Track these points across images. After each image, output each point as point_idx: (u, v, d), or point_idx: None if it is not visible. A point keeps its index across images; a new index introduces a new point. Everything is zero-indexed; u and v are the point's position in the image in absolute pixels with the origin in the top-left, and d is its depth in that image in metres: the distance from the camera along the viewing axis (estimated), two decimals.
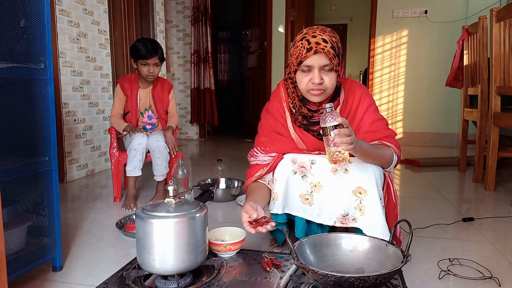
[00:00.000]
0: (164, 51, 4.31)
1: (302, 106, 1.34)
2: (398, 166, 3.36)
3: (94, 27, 3.04)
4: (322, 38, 1.21)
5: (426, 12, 4.46)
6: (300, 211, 1.37)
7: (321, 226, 1.41)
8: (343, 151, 1.14)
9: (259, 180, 1.46)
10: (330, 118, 1.12)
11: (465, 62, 2.98)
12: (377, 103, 4.76)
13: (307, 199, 1.36)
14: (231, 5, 6.77)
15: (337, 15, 7.75)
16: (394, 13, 4.56)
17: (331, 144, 1.14)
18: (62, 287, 1.26)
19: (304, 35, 1.24)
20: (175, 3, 5.14)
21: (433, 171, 3.13)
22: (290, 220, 1.44)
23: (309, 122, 1.35)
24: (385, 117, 5.27)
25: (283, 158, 1.42)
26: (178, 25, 5.18)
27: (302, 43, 1.23)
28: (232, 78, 7.50)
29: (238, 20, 6.22)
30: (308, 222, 1.41)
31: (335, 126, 1.11)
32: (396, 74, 4.68)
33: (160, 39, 4.19)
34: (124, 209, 2.07)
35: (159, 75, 2.36)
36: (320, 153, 1.39)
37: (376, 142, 1.34)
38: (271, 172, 1.45)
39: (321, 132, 1.16)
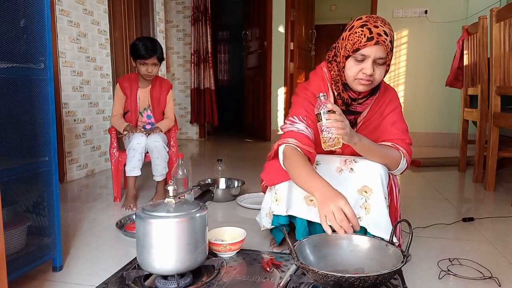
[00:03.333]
0: (164, 51, 4.30)
1: (344, 91, 1.31)
2: None
3: (94, 27, 3.04)
4: (383, 30, 1.18)
5: (426, 12, 4.46)
6: (305, 213, 1.35)
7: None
8: (334, 135, 1.14)
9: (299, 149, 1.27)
10: (323, 105, 1.15)
11: (465, 62, 2.98)
12: None
13: (311, 200, 1.34)
14: (231, 5, 6.77)
15: (337, 15, 7.75)
16: (394, 13, 4.56)
17: (324, 129, 1.15)
18: (62, 287, 1.26)
19: (365, 23, 1.19)
20: (175, 3, 5.14)
21: (433, 171, 3.13)
22: (292, 224, 1.43)
23: (347, 109, 1.33)
24: None
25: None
26: (178, 25, 5.18)
27: (362, 31, 1.18)
28: (232, 78, 7.50)
29: (238, 20, 6.22)
30: (311, 223, 1.40)
31: (327, 112, 1.14)
32: (396, 74, 4.68)
33: (160, 39, 4.18)
34: (124, 209, 2.07)
35: (160, 75, 2.36)
36: (326, 152, 1.37)
37: (389, 144, 1.33)
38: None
39: (316, 121, 1.17)
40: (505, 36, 2.28)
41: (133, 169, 2.11)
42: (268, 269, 1.27)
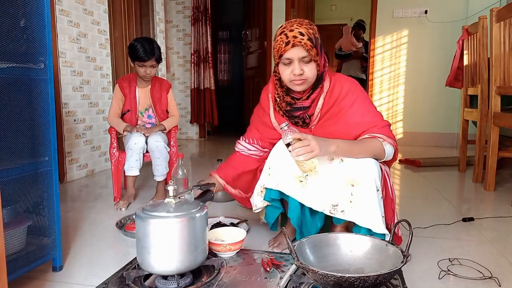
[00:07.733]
0: (164, 51, 4.30)
1: (286, 95, 1.41)
2: (398, 166, 3.36)
3: (94, 27, 3.04)
4: (299, 32, 1.27)
5: (426, 12, 4.46)
6: (293, 192, 1.39)
7: (313, 214, 1.44)
8: (307, 161, 1.23)
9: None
10: (289, 134, 1.22)
11: (465, 62, 2.98)
12: (377, 103, 4.76)
13: (301, 181, 1.38)
14: (231, 5, 6.77)
15: (337, 15, 7.75)
16: (394, 13, 4.56)
17: (295, 157, 1.23)
18: (62, 287, 1.26)
19: (283, 30, 1.30)
20: (175, 3, 5.14)
21: (433, 171, 3.13)
22: (285, 204, 1.47)
23: (292, 108, 1.41)
24: (385, 117, 5.22)
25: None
26: (178, 25, 5.18)
27: (281, 38, 1.29)
28: (232, 78, 7.50)
29: (238, 20, 6.22)
30: (302, 209, 1.43)
31: (292, 143, 1.22)
32: (396, 74, 4.68)
33: (160, 39, 4.18)
34: (115, 208, 2.10)
35: (158, 75, 2.36)
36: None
37: (366, 136, 1.35)
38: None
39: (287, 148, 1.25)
40: (505, 36, 2.28)
41: (131, 168, 2.11)
42: (268, 269, 1.27)
